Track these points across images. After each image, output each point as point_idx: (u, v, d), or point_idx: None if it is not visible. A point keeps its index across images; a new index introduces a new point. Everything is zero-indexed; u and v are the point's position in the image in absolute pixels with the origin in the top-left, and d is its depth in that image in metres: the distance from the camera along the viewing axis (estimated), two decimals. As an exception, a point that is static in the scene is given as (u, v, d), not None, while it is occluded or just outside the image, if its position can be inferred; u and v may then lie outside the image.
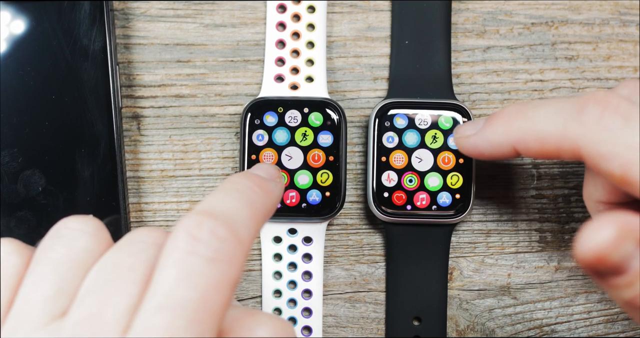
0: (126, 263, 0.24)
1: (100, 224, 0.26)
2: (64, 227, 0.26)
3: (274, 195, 0.28)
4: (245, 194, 0.26)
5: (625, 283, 0.25)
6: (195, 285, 0.23)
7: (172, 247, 0.23)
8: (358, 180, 0.38)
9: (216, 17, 0.38)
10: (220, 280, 0.23)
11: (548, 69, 0.38)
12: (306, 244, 0.37)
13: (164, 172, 0.37)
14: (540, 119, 0.29)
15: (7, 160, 0.34)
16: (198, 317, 0.22)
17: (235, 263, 0.24)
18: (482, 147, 0.32)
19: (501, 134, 0.30)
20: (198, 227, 0.23)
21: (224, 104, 0.37)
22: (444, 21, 0.37)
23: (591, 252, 0.25)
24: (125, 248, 0.25)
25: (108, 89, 0.35)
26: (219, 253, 0.23)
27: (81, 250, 0.25)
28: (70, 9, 0.35)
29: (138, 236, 0.25)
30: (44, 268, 0.24)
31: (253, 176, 0.28)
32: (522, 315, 0.38)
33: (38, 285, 0.24)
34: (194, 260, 0.23)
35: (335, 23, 0.38)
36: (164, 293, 0.22)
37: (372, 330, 0.38)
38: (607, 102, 0.27)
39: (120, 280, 0.24)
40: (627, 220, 0.25)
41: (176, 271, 0.23)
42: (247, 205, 0.26)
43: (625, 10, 0.38)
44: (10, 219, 0.34)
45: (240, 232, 0.24)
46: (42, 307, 0.24)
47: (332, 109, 0.36)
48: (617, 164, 0.26)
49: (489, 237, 0.38)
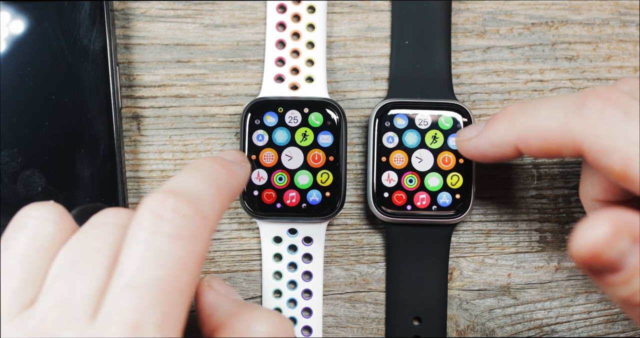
0: (92, 246, 0.24)
1: (63, 210, 0.26)
2: (26, 216, 0.25)
3: (239, 177, 0.28)
4: (208, 174, 0.26)
5: (621, 281, 0.25)
6: (161, 264, 0.23)
7: (136, 226, 0.23)
8: (358, 180, 0.38)
9: (216, 17, 0.38)
10: (186, 257, 0.23)
11: (548, 69, 0.38)
12: (306, 244, 0.37)
13: (164, 172, 0.37)
14: (541, 115, 0.29)
15: (7, 160, 0.34)
16: (165, 295, 0.22)
17: (200, 239, 0.24)
18: (485, 149, 0.32)
19: (503, 134, 0.30)
20: (161, 205, 0.24)
21: (224, 104, 0.37)
22: (444, 21, 0.37)
23: (586, 248, 0.25)
24: (90, 231, 0.25)
25: (108, 89, 0.35)
26: (183, 230, 0.23)
27: (45, 238, 0.25)
28: (70, 9, 0.35)
29: (103, 218, 0.25)
30: (9, 260, 0.24)
31: (217, 158, 0.28)
32: (522, 315, 0.38)
33: (4, 278, 0.24)
34: (159, 238, 0.23)
35: (335, 23, 0.38)
36: (130, 273, 0.22)
37: (372, 330, 0.38)
38: (607, 96, 0.27)
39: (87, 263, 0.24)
40: (622, 217, 0.25)
41: (141, 250, 0.23)
42: (210, 184, 0.26)
43: (625, 10, 0.38)
44: (10, 219, 0.34)
45: (203, 208, 0.24)
46: (11, 299, 0.24)
47: (332, 109, 0.36)
48: (617, 158, 0.26)
49: (489, 237, 0.38)
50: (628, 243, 0.25)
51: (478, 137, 0.32)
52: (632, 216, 0.25)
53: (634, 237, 0.25)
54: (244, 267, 0.37)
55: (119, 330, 0.22)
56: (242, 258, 0.37)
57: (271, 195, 0.36)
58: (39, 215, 0.25)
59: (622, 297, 0.26)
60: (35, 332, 0.22)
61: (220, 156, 0.29)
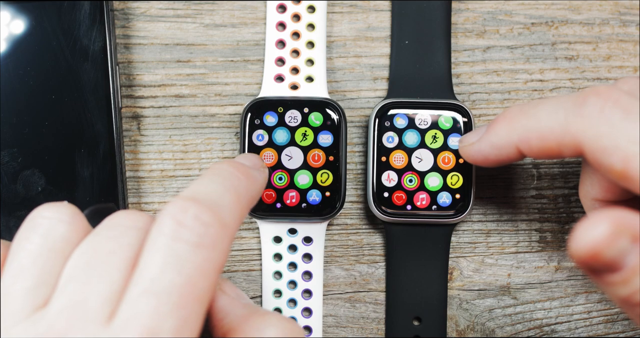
0: (106, 249, 0.24)
1: (76, 210, 0.26)
2: (39, 216, 0.25)
3: (257, 182, 0.28)
4: (228, 180, 0.26)
5: (620, 281, 0.25)
6: (180, 271, 0.23)
7: (158, 232, 0.23)
8: (358, 180, 0.38)
9: (216, 17, 0.38)
10: (205, 265, 0.23)
11: (548, 69, 0.38)
12: (306, 244, 0.37)
13: (164, 172, 0.37)
14: (541, 115, 0.29)
15: (7, 160, 0.34)
16: (183, 302, 0.22)
17: (220, 248, 0.24)
18: (487, 152, 0.32)
19: (504, 136, 0.30)
20: (183, 213, 0.24)
21: (224, 104, 0.37)
22: (444, 21, 0.37)
23: (585, 248, 0.24)
24: (104, 232, 0.25)
25: (108, 89, 0.35)
26: (204, 238, 0.23)
27: (58, 238, 0.25)
28: (70, 9, 0.35)
29: (116, 220, 0.25)
30: (23, 260, 0.24)
31: (236, 163, 0.28)
32: (522, 315, 0.38)
33: (17, 278, 0.24)
34: (179, 245, 0.23)
35: (335, 23, 0.38)
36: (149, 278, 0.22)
37: (372, 330, 0.38)
38: (607, 95, 0.27)
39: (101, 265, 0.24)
40: (622, 217, 0.25)
41: (161, 256, 0.23)
42: (231, 191, 0.26)
43: (625, 10, 0.38)
44: (10, 219, 0.34)
45: (224, 216, 0.24)
46: (23, 299, 0.23)
47: (332, 109, 0.36)
48: (618, 157, 0.26)
49: (489, 237, 0.38)
50: (627, 243, 0.25)
51: (480, 141, 0.32)
52: (631, 216, 0.25)
53: (634, 237, 0.24)
54: (244, 267, 0.37)
55: (136, 335, 0.22)
56: (242, 258, 0.37)
57: (271, 195, 0.36)
58: (52, 215, 0.25)
59: (621, 297, 0.26)
60: (49, 333, 0.22)
61: (239, 161, 0.29)
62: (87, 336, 0.22)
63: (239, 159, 0.30)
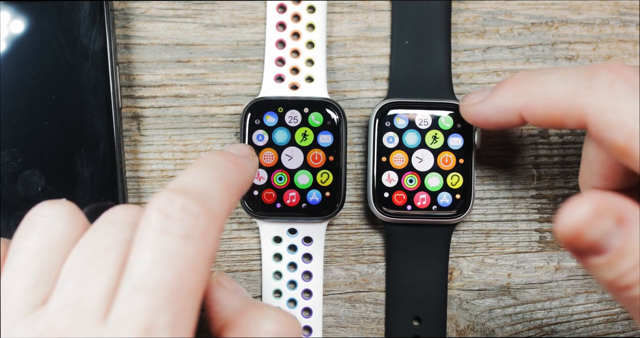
0: (103, 245, 0.24)
1: (75, 207, 0.26)
2: (37, 214, 0.25)
3: (247, 171, 0.28)
4: (217, 169, 0.26)
5: (605, 263, 0.25)
6: (171, 265, 0.22)
7: (145, 226, 0.23)
8: (358, 180, 0.38)
9: (216, 17, 0.38)
10: (196, 258, 0.23)
11: (548, 69, 0.38)
12: (306, 244, 0.37)
13: (164, 172, 0.37)
14: (550, 84, 0.29)
15: (7, 160, 0.34)
16: (176, 296, 0.22)
17: (210, 238, 0.24)
18: (489, 113, 0.31)
19: (509, 100, 0.30)
20: (170, 205, 0.23)
21: (224, 104, 0.37)
22: (444, 21, 0.37)
23: (568, 228, 0.24)
24: (101, 228, 0.25)
25: (108, 89, 0.35)
26: (192, 229, 0.23)
27: (57, 236, 0.25)
28: (70, 9, 0.35)
29: (113, 215, 0.25)
30: (22, 258, 0.24)
31: (225, 153, 0.27)
32: (522, 315, 0.38)
33: (17, 277, 0.24)
34: (168, 239, 0.23)
35: (335, 23, 0.38)
36: (140, 274, 0.22)
37: (372, 330, 0.38)
38: (619, 71, 0.27)
39: (98, 262, 0.23)
40: (606, 199, 0.24)
41: (150, 251, 0.23)
42: (219, 180, 0.25)
43: (625, 10, 0.38)
44: (10, 219, 0.34)
45: (213, 206, 0.24)
46: (23, 298, 0.23)
47: (332, 109, 0.36)
48: (621, 133, 0.26)
49: (489, 237, 0.38)
50: (611, 225, 0.24)
51: (483, 102, 0.32)
52: (617, 199, 0.24)
53: (619, 219, 0.24)
54: (244, 267, 0.37)
55: (131, 332, 0.22)
56: (242, 258, 0.37)
57: (271, 195, 0.36)
58: (51, 213, 0.25)
59: (607, 280, 0.25)
60: (48, 332, 0.22)
61: (228, 150, 0.29)
62: (85, 335, 0.22)
63: (227, 148, 0.30)
